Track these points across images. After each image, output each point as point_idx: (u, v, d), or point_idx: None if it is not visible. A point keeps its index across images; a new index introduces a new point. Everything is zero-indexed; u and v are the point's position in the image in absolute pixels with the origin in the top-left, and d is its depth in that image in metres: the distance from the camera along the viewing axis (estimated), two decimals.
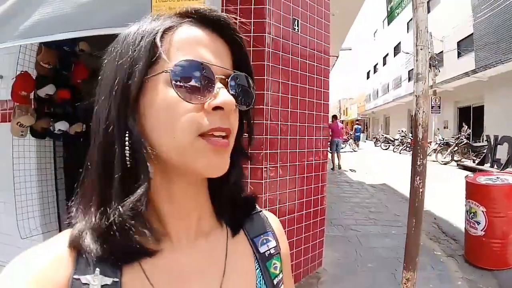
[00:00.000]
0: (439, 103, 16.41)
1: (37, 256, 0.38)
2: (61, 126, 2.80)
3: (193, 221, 0.45)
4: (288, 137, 2.70)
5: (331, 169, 10.21)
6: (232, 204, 0.49)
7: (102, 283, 0.37)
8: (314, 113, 2.99)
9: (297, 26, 2.67)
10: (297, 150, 2.81)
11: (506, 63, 10.65)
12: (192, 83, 0.38)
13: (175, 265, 0.42)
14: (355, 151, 20.23)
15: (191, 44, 0.40)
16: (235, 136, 0.43)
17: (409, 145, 17.01)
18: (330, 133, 9.89)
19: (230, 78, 0.41)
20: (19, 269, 0.37)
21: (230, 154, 0.42)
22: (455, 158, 12.51)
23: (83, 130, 2.83)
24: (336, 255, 3.60)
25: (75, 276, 0.37)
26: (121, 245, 0.37)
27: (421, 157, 1.49)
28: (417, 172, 1.48)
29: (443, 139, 13.82)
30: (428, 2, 3.77)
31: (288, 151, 2.71)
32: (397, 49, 24.96)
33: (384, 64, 29.81)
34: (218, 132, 0.39)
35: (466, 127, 13.34)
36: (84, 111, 2.72)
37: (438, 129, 16.47)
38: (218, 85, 0.39)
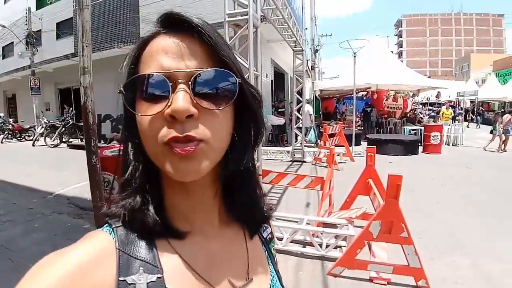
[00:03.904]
0: (38, 84, 15.61)
1: (73, 260, 0.36)
2: None
3: (215, 214, 0.49)
4: None
5: None
6: (246, 214, 0.51)
7: (148, 281, 0.38)
8: None
9: None
10: None
11: (104, 51, 11.97)
12: (143, 96, 0.39)
13: (212, 252, 0.46)
14: None
15: (154, 55, 0.39)
16: (223, 137, 0.41)
17: (11, 132, 14.79)
18: None
19: (191, 80, 0.38)
20: (51, 276, 0.34)
21: (209, 157, 0.40)
22: (64, 140, 12.76)
23: None
24: None
25: (121, 278, 0.37)
26: (152, 221, 0.41)
27: (94, 138, 1.76)
28: (93, 152, 1.75)
29: (49, 121, 13.51)
30: None
31: None
32: None
33: None
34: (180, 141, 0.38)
35: (69, 108, 14.01)
36: None
37: (42, 111, 15.74)
38: (179, 91, 0.37)
